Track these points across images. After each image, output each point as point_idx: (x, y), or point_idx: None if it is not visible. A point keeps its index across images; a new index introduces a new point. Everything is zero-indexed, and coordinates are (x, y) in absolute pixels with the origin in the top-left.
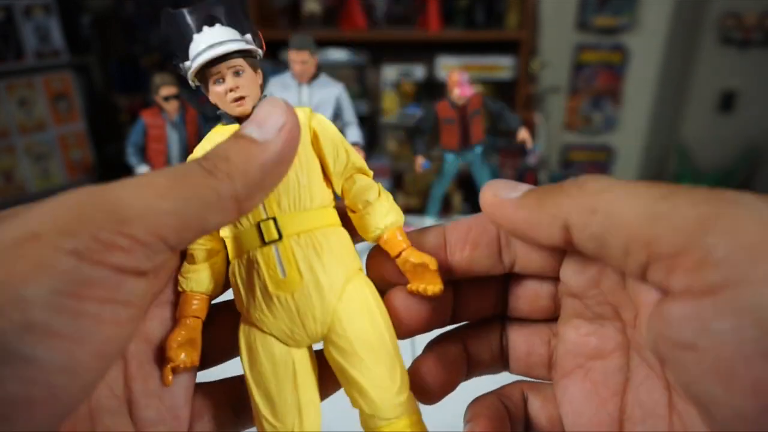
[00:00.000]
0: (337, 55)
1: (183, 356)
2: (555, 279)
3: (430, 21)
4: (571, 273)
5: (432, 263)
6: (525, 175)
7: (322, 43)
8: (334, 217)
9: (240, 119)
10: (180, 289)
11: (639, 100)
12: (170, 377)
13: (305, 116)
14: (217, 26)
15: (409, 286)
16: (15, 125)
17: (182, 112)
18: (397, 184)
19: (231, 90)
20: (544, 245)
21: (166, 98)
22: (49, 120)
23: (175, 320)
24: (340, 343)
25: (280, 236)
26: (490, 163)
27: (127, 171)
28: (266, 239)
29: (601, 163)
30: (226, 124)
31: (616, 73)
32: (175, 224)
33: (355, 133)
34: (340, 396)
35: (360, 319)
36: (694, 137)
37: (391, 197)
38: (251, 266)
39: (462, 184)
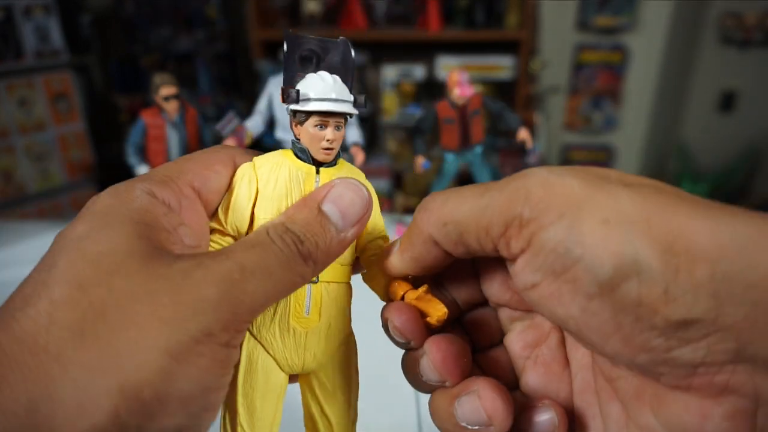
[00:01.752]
0: None
1: None
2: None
3: (430, 21)
4: (488, 288)
5: (427, 292)
6: None
7: None
8: (350, 274)
9: (317, 162)
10: None
11: (639, 100)
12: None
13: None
14: (337, 77)
15: (431, 322)
16: (15, 125)
17: (182, 112)
18: (397, 184)
19: (328, 140)
20: (439, 263)
21: (166, 98)
22: (48, 120)
23: None
24: (325, 382)
25: (317, 280)
26: (490, 163)
27: (127, 171)
28: None
29: (601, 163)
30: (299, 156)
31: (616, 73)
32: (273, 302)
33: (355, 133)
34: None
35: (348, 368)
36: (694, 137)
37: None
38: (282, 303)
39: (462, 184)
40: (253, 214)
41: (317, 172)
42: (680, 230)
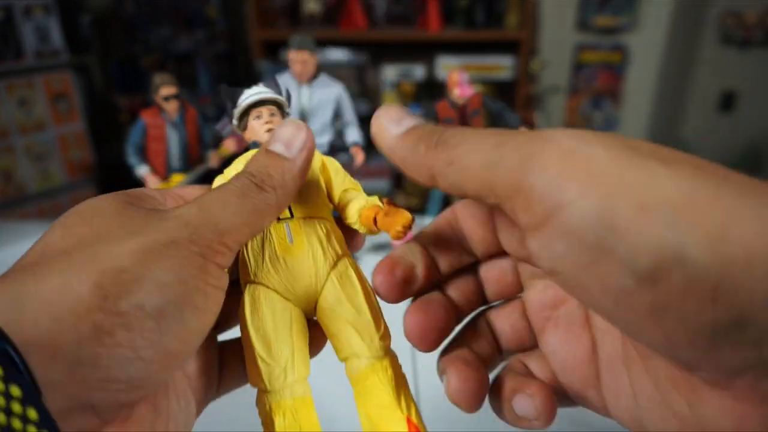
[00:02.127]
0: (337, 55)
1: None
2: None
3: (430, 21)
4: (506, 240)
5: (390, 203)
6: None
7: (322, 43)
8: (331, 219)
9: None
10: None
11: (639, 100)
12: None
13: (318, 157)
14: (261, 86)
15: (392, 233)
16: (15, 125)
17: (182, 112)
18: (397, 184)
19: (267, 122)
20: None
21: (166, 98)
22: (48, 120)
23: None
24: (331, 300)
25: (292, 215)
26: None
27: (127, 171)
28: (280, 216)
29: None
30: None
31: (616, 73)
32: (247, 232)
33: (355, 133)
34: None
35: (351, 283)
36: (694, 137)
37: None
38: (264, 238)
39: None
40: None
41: None
42: (732, 217)
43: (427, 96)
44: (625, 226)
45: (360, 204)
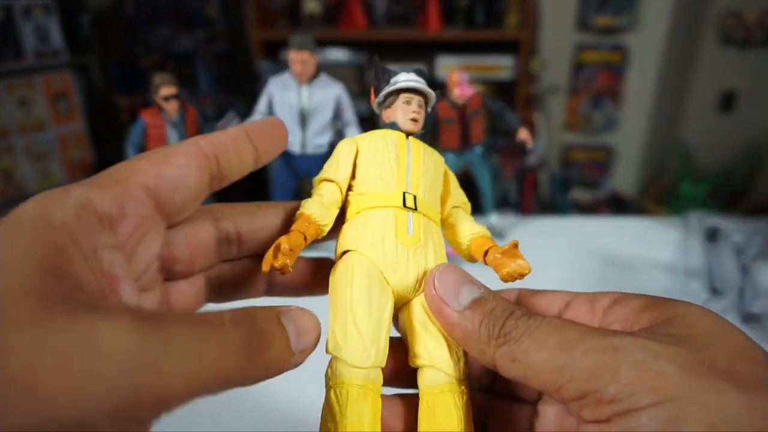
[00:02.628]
0: (337, 55)
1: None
2: None
3: (430, 21)
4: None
5: (515, 247)
6: (525, 175)
7: (322, 43)
8: (440, 222)
9: (406, 134)
10: (301, 212)
11: (639, 100)
12: (267, 268)
13: (441, 164)
14: (420, 78)
15: (503, 272)
16: (15, 125)
17: (182, 112)
18: None
19: (414, 111)
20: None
21: (166, 98)
22: (48, 120)
23: None
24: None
25: (416, 208)
26: (490, 163)
27: None
28: (407, 205)
29: (601, 163)
30: (392, 129)
31: (616, 73)
32: (183, 398)
33: (355, 133)
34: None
35: None
36: (694, 137)
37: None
38: (385, 217)
39: (462, 185)
40: (355, 165)
41: (407, 137)
42: None
43: None
44: None
45: (472, 229)
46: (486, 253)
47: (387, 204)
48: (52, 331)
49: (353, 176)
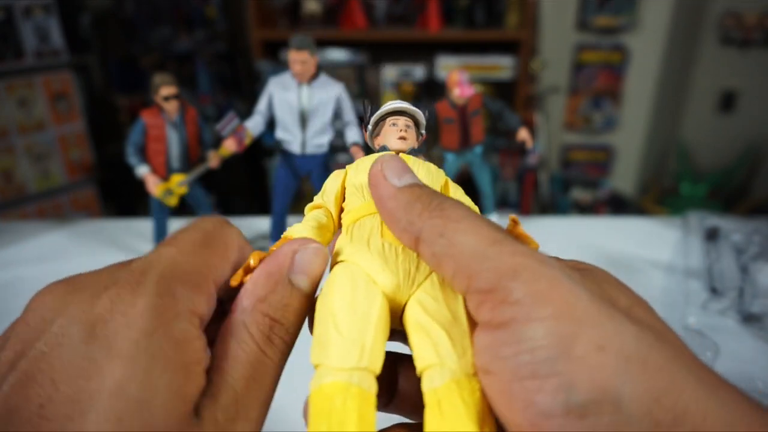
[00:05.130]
0: (337, 55)
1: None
2: None
3: (430, 21)
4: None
5: (516, 224)
6: (525, 175)
7: (322, 43)
8: None
9: (397, 152)
10: (285, 234)
11: (639, 100)
12: (235, 283)
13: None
14: (405, 102)
15: None
16: (14, 125)
17: (182, 112)
18: None
19: (401, 130)
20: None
21: (166, 98)
22: (48, 120)
23: None
24: (427, 299)
25: None
26: (490, 163)
27: (127, 171)
28: None
29: (601, 163)
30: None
31: (616, 73)
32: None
33: (355, 133)
34: None
35: (452, 289)
36: (694, 137)
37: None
38: (371, 222)
39: (462, 185)
40: (344, 188)
41: (397, 155)
42: (673, 386)
43: (427, 96)
44: (579, 356)
45: None
46: None
47: (373, 211)
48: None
49: (344, 199)
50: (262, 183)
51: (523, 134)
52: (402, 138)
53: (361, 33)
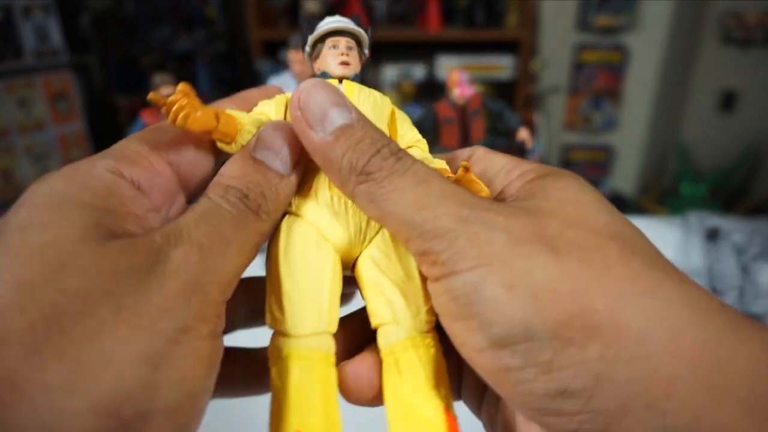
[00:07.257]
0: None
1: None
2: None
3: (430, 21)
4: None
5: (467, 171)
6: None
7: None
8: None
9: (339, 79)
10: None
11: (639, 100)
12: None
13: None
14: (344, 18)
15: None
16: (14, 125)
17: None
18: None
19: (342, 54)
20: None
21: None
22: (48, 120)
23: None
24: (379, 255)
25: None
26: None
27: None
28: None
29: (601, 163)
30: (326, 78)
31: (616, 73)
32: (238, 277)
33: None
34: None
35: (404, 247)
36: (694, 137)
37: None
38: (315, 168)
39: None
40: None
41: (340, 82)
42: (584, 307)
43: (427, 96)
44: (492, 298)
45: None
46: None
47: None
48: (119, 273)
49: None
50: None
51: (523, 134)
52: (344, 63)
53: None
